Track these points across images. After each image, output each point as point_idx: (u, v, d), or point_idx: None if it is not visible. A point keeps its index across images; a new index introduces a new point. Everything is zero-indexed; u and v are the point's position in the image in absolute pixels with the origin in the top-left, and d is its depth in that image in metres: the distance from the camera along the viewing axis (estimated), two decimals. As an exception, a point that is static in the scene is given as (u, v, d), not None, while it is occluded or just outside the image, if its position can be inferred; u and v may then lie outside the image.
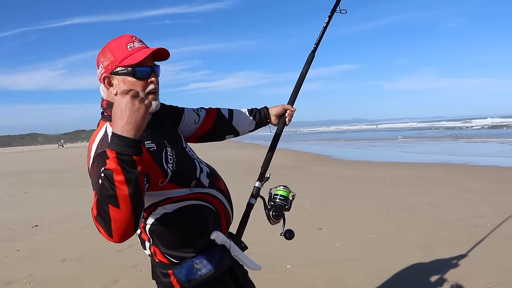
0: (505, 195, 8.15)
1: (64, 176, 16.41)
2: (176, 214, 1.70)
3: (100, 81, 1.70)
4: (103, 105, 1.72)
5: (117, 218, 1.34)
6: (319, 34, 2.40)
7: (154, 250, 1.77)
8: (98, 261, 5.25)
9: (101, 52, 1.69)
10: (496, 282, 4.06)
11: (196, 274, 1.70)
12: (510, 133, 35.34)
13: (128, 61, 1.62)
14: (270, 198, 2.02)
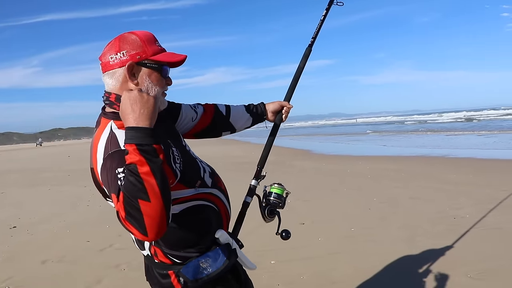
0: (483, 186, 8.29)
1: (42, 175, 16.13)
2: (182, 215, 1.66)
3: (114, 67, 1.60)
4: (110, 99, 1.62)
5: (150, 213, 1.31)
6: (316, 27, 2.37)
7: (155, 250, 1.72)
8: (80, 261, 5.18)
9: (121, 39, 1.61)
10: (476, 271, 4.14)
11: (203, 274, 1.69)
12: (483, 125, 36.00)
13: (161, 57, 1.61)
14: (265, 195, 2.02)
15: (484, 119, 49.68)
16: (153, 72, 1.61)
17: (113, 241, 5.92)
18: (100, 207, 8.46)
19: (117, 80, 1.62)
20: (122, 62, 1.58)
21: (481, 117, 55.65)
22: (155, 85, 1.62)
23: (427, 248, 4.88)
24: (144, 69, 1.60)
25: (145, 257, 1.84)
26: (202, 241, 1.75)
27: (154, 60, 1.60)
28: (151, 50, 1.60)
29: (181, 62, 1.69)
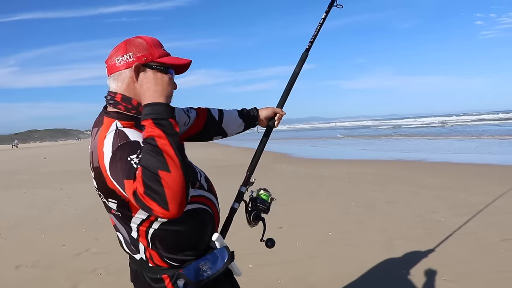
0: (458, 190, 8.44)
1: (17, 178, 15.84)
2: (182, 217, 1.58)
3: (120, 69, 1.63)
4: (116, 99, 1.63)
5: (170, 184, 1.32)
6: (315, 31, 2.36)
7: (151, 254, 1.69)
8: (55, 266, 5.09)
9: (128, 42, 1.65)
10: (452, 274, 4.22)
11: (203, 276, 1.69)
12: (460, 130, 36.69)
13: (167, 60, 1.64)
14: (251, 200, 2.04)
15: (459, 124, 50.63)
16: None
17: (90, 245, 5.85)
18: (77, 210, 8.36)
19: (122, 82, 1.64)
20: (128, 64, 1.61)
21: (457, 122, 56.70)
22: None
23: (404, 251, 4.95)
24: (150, 70, 1.61)
25: (135, 262, 1.80)
26: (200, 244, 1.75)
27: (160, 62, 1.62)
28: (157, 53, 1.63)
29: (186, 66, 1.71)
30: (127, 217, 1.62)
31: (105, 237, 6.13)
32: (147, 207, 1.33)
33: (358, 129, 61.05)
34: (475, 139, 24.71)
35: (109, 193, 1.56)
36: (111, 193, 1.55)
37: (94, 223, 7.01)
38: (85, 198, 9.48)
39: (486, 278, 4.09)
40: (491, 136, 25.78)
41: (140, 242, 1.68)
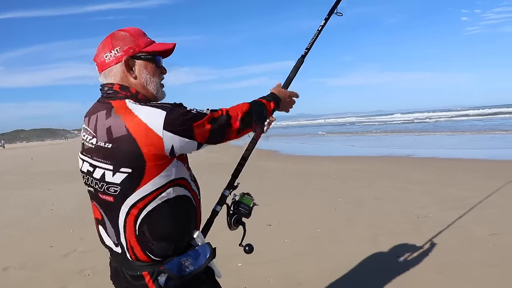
0: (445, 185, 8.51)
1: (3, 178, 15.67)
2: (173, 202, 1.69)
3: (110, 65, 1.71)
4: (114, 89, 1.70)
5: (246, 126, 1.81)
6: (312, 38, 2.38)
7: (133, 246, 1.69)
8: (43, 267, 5.05)
9: (112, 37, 1.72)
10: (439, 268, 4.25)
11: (186, 271, 1.72)
12: (447, 126, 36.99)
13: (153, 47, 1.75)
14: (233, 204, 2.05)
15: (445, 120, 51.02)
16: (148, 64, 1.74)
17: (77, 245, 5.81)
18: (64, 210, 8.30)
19: (115, 76, 1.72)
20: (117, 59, 1.70)
21: (443, 117, 57.13)
22: (152, 76, 1.75)
23: (391, 247, 4.98)
24: (139, 61, 1.72)
25: (115, 258, 1.82)
26: (184, 235, 1.77)
27: (147, 51, 1.73)
28: (142, 43, 1.73)
29: (171, 50, 1.81)
30: (125, 194, 1.63)
31: (90, 235, 6.09)
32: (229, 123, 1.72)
33: (345, 126, 61.28)
34: (462, 134, 24.92)
35: (131, 160, 1.59)
36: (134, 160, 1.59)
37: (80, 221, 6.97)
38: (73, 198, 9.42)
39: (474, 273, 4.13)
40: (477, 131, 25.99)
41: (126, 230, 1.68)
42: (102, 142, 1.63)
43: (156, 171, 1.61)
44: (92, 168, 1.68)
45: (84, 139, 1.72)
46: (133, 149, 1.57)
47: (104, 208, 1.73)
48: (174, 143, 1.59)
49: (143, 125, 1.57)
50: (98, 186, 1.68)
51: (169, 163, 1.64)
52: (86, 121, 1.74)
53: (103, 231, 1.79)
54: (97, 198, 1.73)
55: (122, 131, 1.59)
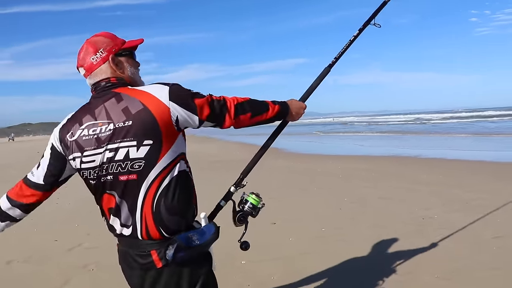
0: (452, 187, 8.46)
1: (8, 172, 15.72)
2: (182, 176, 1.85)
3: (99, 65, 1.88)
4: (112, 81, 1.87)
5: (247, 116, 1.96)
6: (343, 48, 2.40)
7: (147, 222, 1.80)
8: (47, 261, 5.07)
9: (92, 43, 1.90)
10: (444, 271, 4.22)
11: (193, 243, 1.84)
12: (454, 127, 36.84)
13: (128, 44, 1.96)
14: (241, 201, 2.13)
15: (453, 121, 50.82)
16: (128, 58, 1.95)
17: (82, 240, 5.83)
18: (69, 204, 8.33)
19: (105, 74, 1.88)
20: (103, 59, 1.88)
21: (451, 119, 56.91)
22: (134, 68, 1.97)
23: (397, 248, 4.96)
24: (121, 58, 1.92)
25: (123, 242, 1.90)
26: (191, 209, 1.91)
27: (125, 48, 1.94)
28: (119, 42, 1.94)
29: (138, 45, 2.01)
30: (149, 168, 1.75)
31: (97, 232, 6.10)
32: (226, 110, 1.88)
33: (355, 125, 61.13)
34: (470, 136, 24.79)
35: (151, 131, 1.73)
36: (153, 131, 1.73)
37: (86, 216, 6.96)
38: (78, 193, 9.40)
39: (478, 275, 4.11)
40: (486, 133, 25.83)
41: (144, 207, 1.78)
42: (121, 123, 1.74)
43: (170, 142, 1.78)
44: (114, 152, 1.76)
45: (95, 133, 1.78)
46: (151, 120, 1.72)
47: (122, 191, 1.80)
48: (179, 114, 1.77)
49: (154, 98, 1.76)
50: (121, 167, 1.76)
51: (177, 135, 1.81)
52: (87, 118, 1.82)
53: (115, 218, 1.86)
54: (114, 184, 1.80)
55: (138, 106, 1.75)
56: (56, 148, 1.90)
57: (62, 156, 1.89)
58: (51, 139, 1.93)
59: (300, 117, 2.25)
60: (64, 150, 1.87)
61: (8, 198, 2.03)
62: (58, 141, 1.89)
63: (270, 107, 2.03)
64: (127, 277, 1.96)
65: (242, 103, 1.94)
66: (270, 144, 2.30)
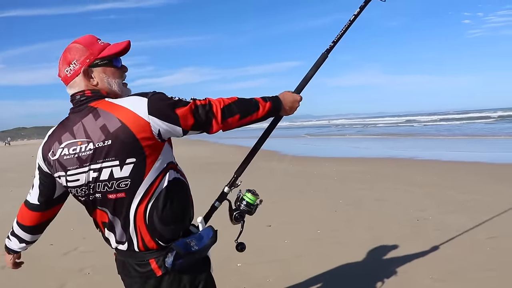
0: (446, 188, 8.50)
1: (4, 176, 15.68)
2: (173, 185, 1.80)
3: (73, 78, 1.80)
4: (86, 94, 1.78)
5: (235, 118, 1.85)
6: (342, 29, 2.23)
7: (142, 235, 1.78)
8: (42, 266, 5.05)
9: (67, 52, 1.81)
10: (439, 272, 4.24)
11: (191, 249, 1.81)
12: (449, 128, 36.96)
13: (107, 52, 1.81)
14: (237, 199, 2.09)
15: (447, 123, 50.97)
16: (106, 68, 1.81)
17: (78, 244, 5.82)
18: (65, 208, 8.28)
19: (79, 86, 1.80)
20: (76, 71, 1.79)
21: (442, 121, 57.11)
22: (113, 78, 1.82)
23: (392, 250, 4.97)
24: (97, 68, 1.80)
25: (121, 253, 1.88)
26: (186, 219, 1.88)
27: (102, 57, 1.80)
28: (96, 50, 1.80)
29: (126, 49, 1.87)
30: (136, 186, 1.71)
31: (93, 236, 6.09)
32: (213, 115, 1.79)
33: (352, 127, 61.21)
34: (463, 138, 24.88)
35: (132, 149, 1.67)
36: (134, 148, 1.67)
37: (81, 220, 6.91)
38: (72, 197, 9.39)
39: (472, 276, 4.13)
40: (479, 135, 25.93)
41: (136, 222, 1.76)
42: (101, 142, 1.68)
43: (154, 156, 1.72)
44: (97, 173, 1.71)
45: (75, 152, 1.72)
46: (130, 137, 1.66)
47: (113, 208, 1.78)
48: (160, 127, 1.69)
49: (131, 114, 1.67)
50: (108, 187, 1.72)
51: (161, 147, 1.75)
52: (66, 136, 1.76)
53: (110, 233, 1.85)
54: (104, 202, 1.77)
55: (116, 124, 1.67)
56: (42, 167, 1.88)
57: (49, 174, 1.86)
58: (37, 159, 1.90)
59: (295, 110, 2.11)
60: (49, 169, 1.84)
61: (18, 223, 2.08)
62: (42, 160, 1.86)
63: (261, 105, 1.93)
64: (126, 286, 1.96)
65: (229, 105, 1.83)
66: (263, 141, 2.18)
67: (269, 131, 2.22)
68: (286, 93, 2.10)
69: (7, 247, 2.18)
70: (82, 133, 1.72)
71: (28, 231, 2.07)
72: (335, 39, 2.24)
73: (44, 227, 2.10)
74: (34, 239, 2.13)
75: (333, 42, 2.25)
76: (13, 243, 2.14)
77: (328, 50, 2.25)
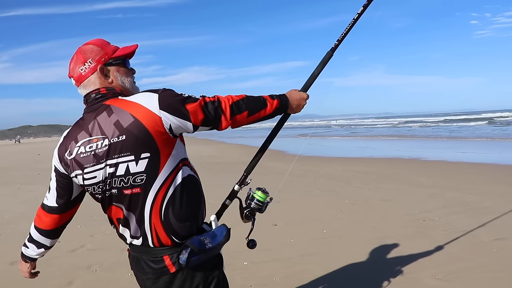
0: (452, 188, 8.50)
1: (10, 174, 15.78)
2: (187, 181, 1.84)
3: (88, 76, 1.85)
4: (102, 92, 1.83)
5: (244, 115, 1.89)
6: (346, 29, 2.26)
7: (157, 231, 1.80)
8: (50, 262, 5.08)
9: (80, 52, 1.87)
10: (444, 273, 4.25)
11: (206, 246, 1.83)
12: (455, 129, 36.81)
13: (120, 52, 1.90)
14: (248, 197, 2.12)
15: (454, 124, 50.76)
16: (120, 68, 1.90)
17: (85, 241, 5.86)
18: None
19: (94, 84, 1.86)
20: (92, 69, 1.85)
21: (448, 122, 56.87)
22: (126, 76, 1.91)
23: (397, 250, 4.99)
24: (111, 67, 1.88)
25: (135, 248, 1.91)
26: (199, 216, 1.91)
27: (116, 57, 1.89)
28: (110, 50, 1.89)
29: (134, 52, 1.96)
30: (151, 180, 1.75)
31: (100, 234, 6.15)
32: (221, 112, 1.82)
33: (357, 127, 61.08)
34: (470, 140, 24.81)
35: (145, 144, 1.71)
36: (147, 143, 1.71)
37: (89, 219, 6.99)
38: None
39: (478, 277, 4.14)
40: (487, 137, 25.81)
41: (152, 217, 1.79)
42: (115, 138, 1.72)
43: (167, 151, 1.76)
44: (114, 168, 1.75)
45: (92, 149, 1.76)
46: (144, 132, 1.70)
47: (128, 204, 1.80)
48: (171, 122, 1.73)
49: (143, 109, 1.72)
50: (124, 182, 1.76)
51: (174, 142, 1.79)
52: (82, 135, 1.80)
53: (124, 229, 1.88)
54: (119, 197, 1.80)
55: (129, 119, 1.71)
56: (58, 168, 1.90)
57: (66, 175, 1.89)
58: (53, 161, 1.93)
59: (302, 109, 2.14)
60: (66, 169, 1.86)
61: (36, 227, 2.10)
62: (58, 162, 1.89)
63: (268, 102, 1.96)
64: (139, 282, 1.99)
65: (237, 102, 1.87)
66: (271, 140, 2.22)
67: (277, 130, 2.25)
68: (293, 91, 2.13)
69: (24, 255, 2.20)
70: (97, 130, 1.76)
71: (47, 235, 2.09)
72: (340, 37, 2.27)
73: (62, 230, 2.12)
74: (52, 244, 2.15)
75: (337, 41, 2.27)
76: (31, 249, 2.15)
77: (333, 48, 2.28)
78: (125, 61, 1.92)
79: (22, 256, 2.20)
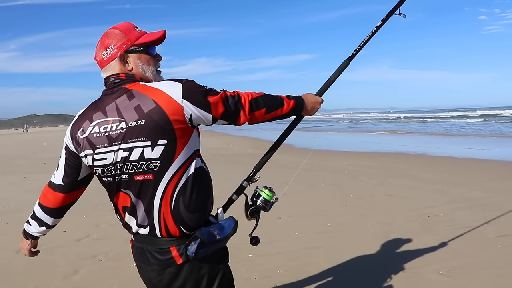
0: (457, 185, 8.48)
1: (16, 163, 15.85)
2: (199, 173, 1.84)
3: (108, 62, 1.87)
4: (121, 77, 1.84)
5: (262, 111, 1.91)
6: (364, 40, 2.32)
7: (166, 221, 1.79)
8: (56, 251, 5.12)
9: (105, 37, 1.88)
10: (448, 268, 4.26)
11: (215, 237, 1.82)
12: (462, 126, 36.62)
13: (143, 39, 1.89)
14: (254, 195, 2.12)
15: (461, 120, 50.54)
16: (141, 55, 1.89)
17: (90, 231, 5.89)
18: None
19: (114, 70, 1.87)
20: (113, 56, 1.86)
21: (457, 119, 56.59)
22: (148, 65, 1.90)
23: (401, 245, 4.99)
24: (133, 54, 1.87)
25: (140, 239, 1.89)
26: (209, 205, 1.92)
27: (138, 44, 1.87)
28: (133, 37, 1.87)
29: (162, 38, 1.94)
30: (165, 168, 1.74)
31: (106, 224, 6.17)
32: (240, 102, 1.84)
33: (363, 122, 60.97)
34: (477, 137, 24.70)
35: (164, 131, 1.71)
36: (166, 130, 1.71)
37: (94, 209, 7.03)
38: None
39: (482, 273, 4.13)
40: (494, 135, 25.68)
41: (162, 206, 1.78)
42: (134, 122, 1.73)
43: (184, 140, 1.76)
44: (128, 152, 1.74)
45: (106, 130, 1.76)
46: (164, 119, 1.70)
47: (138, 190, 1.79)
48: (192, 112, 1.74)
49: (166, 96, 1.73)
50: (137, 167, 1.75)
51: (191, 132, 1.79)
52: (98, 115, 1.81)
53: (130, 217, 1.86)
54: (129, 183, 1.79)
55: (151, 105, 1.72)
56: (69, 146, 1.90)
57: (75, 154, 1.88)
58: (65, 139, 1.93)
59: (315, 112, 2.20)
60: (76, 148, 1.86)
61: (40, 204, 2.08)
62: (70, 139, 1.89)
63: (285, 102, 1.99)
64: (142, 274, 1.95)
65: (256, 99, 1.90)
66: (284, 139, 2.27)
67: (291, 129, 2.30)
68: (309, 94, 2.18)
69: (26, 232, 2.19)
70: (114, 112, 1.77)
71: (50, 214, 2.08)
72: (358, 47, 2.33)
73: (65, 210, 2.11)
74: (54, 223, 2.14)
75: (355, 51, 2.33)
76: (33, 226, 2.14)
77: (350, 57, 2.34)
78: (148, 48, 1.90)
79: (24, 233, 2.20)
